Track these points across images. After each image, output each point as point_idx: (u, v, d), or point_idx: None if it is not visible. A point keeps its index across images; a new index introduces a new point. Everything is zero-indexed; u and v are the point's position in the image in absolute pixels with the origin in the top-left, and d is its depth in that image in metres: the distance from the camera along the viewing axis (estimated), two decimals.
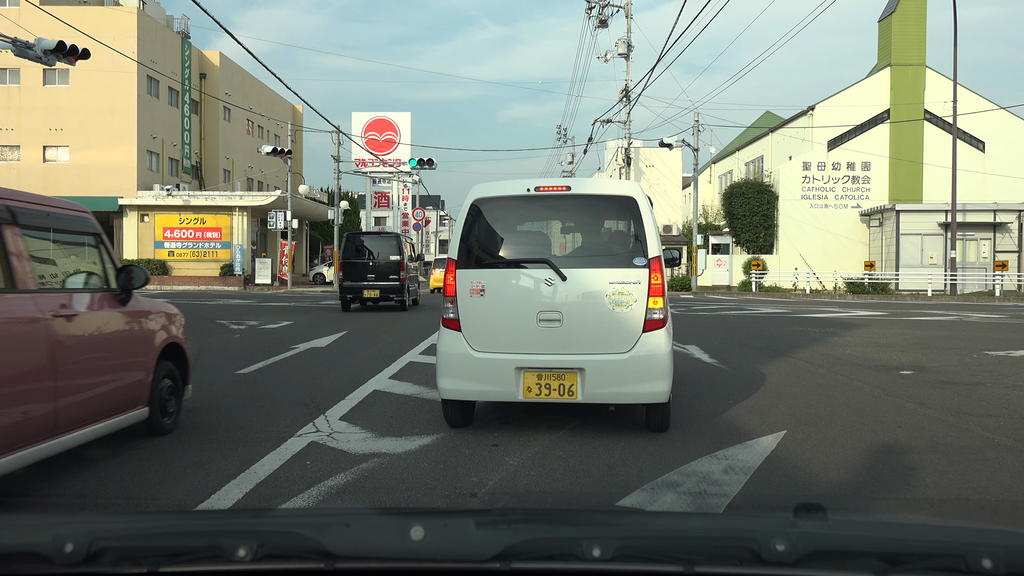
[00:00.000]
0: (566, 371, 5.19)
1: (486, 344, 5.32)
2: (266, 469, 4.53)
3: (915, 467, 4.61)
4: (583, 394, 5.18)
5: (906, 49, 32.04)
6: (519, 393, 5.25)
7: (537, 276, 5.30)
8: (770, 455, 4.83)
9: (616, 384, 5.19)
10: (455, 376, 5.36)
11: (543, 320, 5.24)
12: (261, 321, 15.15)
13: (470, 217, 5.51)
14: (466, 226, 5.51)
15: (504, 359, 5.26)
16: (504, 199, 5.58)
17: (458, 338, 5.38)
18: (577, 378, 5.18)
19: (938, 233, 29.96)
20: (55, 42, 14.64)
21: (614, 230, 5.71)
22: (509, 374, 5.23)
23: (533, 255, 5.47)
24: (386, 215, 57.45)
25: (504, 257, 5.54)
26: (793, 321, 15.99)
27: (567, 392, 5.20)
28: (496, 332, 5.33)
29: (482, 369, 5.29)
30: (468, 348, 5.34)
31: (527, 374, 5.23)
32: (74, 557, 1.19)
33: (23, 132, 35.73)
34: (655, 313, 5.20)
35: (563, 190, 5.53)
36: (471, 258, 5.47)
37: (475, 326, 5.35)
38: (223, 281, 34.16)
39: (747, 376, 8.17)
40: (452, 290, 5.42)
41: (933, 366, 9.11)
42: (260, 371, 8.55)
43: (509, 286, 5.38)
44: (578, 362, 5.18)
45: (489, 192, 5.59)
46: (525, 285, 5.33)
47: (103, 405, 4.63)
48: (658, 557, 1.23)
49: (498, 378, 5.26)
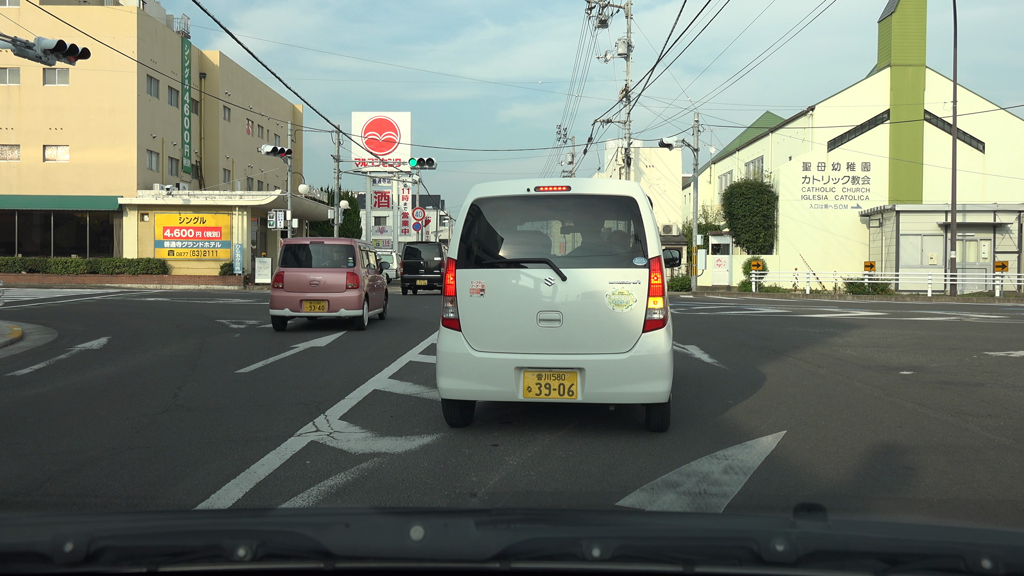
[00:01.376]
0: (566, 371, 5.18)
1: (486, 344, 5.31)
2: (266, 469, 4.53)
3: (915, 467, 4.61)
4: (583, 394, 5.17)
5: (906, 49, 32.04)
6: (519, 393, 5.23)
7: (537, 276, 5.29)
8: (770, 455, 4.83)
9: (616, 384, 5.18)
10: (455, 376, 5.34)
11: (543, 320, 5.22)
12: (261, 320, 15.14)
13: (470, 217, 5.50)
14: (466, 226, 5.50)
15: (504, 359, 5.24)
16: (504, 199, 5.57)
17: (458, 338, 5.36)
18: (577, 378, 5.17)
19: (938, 234, 29.96)
20: (55, 41, 14.61)
21: (614, 230, 5.71)
22: (509, 374, 5.22)
23: (533, 255, 5.45)
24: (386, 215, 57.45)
25: (504, 257, 5.53)
26: (793, 321, 15.99)
27: (567, 392, 5.19)
28: (496, 332, 5.31)
29: (482, 369, 5.27)
30: (468, 348, 5.32)
31: (527, 374, 5.21)
32: (74, 556, 1.19)
33: (23, 131, 35.72)
34: (655, 313, 5.19)
35: (563, 190, 5.51)
36: (471, 258, 5.45)
37: (475, 326, 5.33)
38: (223, 281, 34.15)
39: (747, 376, 8.17)
40: (452, 290, 5.40)
41: (933, 366, 9.11)
42: (260, 370, 8.55)
43: (509, 286, 5.37)
44: (578, 362, 5.17)
45: (489, 192, 5.57)
46: (525, 285, 5.32)
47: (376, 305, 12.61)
48: (658, 557, 1.23)
49: (498, 378, 5.24)
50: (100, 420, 5.94)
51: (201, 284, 33.56)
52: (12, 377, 8.18)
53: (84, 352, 10.21)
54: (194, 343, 11.07)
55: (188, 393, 7.12)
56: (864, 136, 32.60)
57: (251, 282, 34.04)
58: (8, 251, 35.93)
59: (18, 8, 33.16)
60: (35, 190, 35.50)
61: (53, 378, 8.11)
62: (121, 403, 6.66)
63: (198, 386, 7.53)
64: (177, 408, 6.42)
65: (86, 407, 6.51)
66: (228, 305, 20.60)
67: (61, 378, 8.10)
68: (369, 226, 52.22)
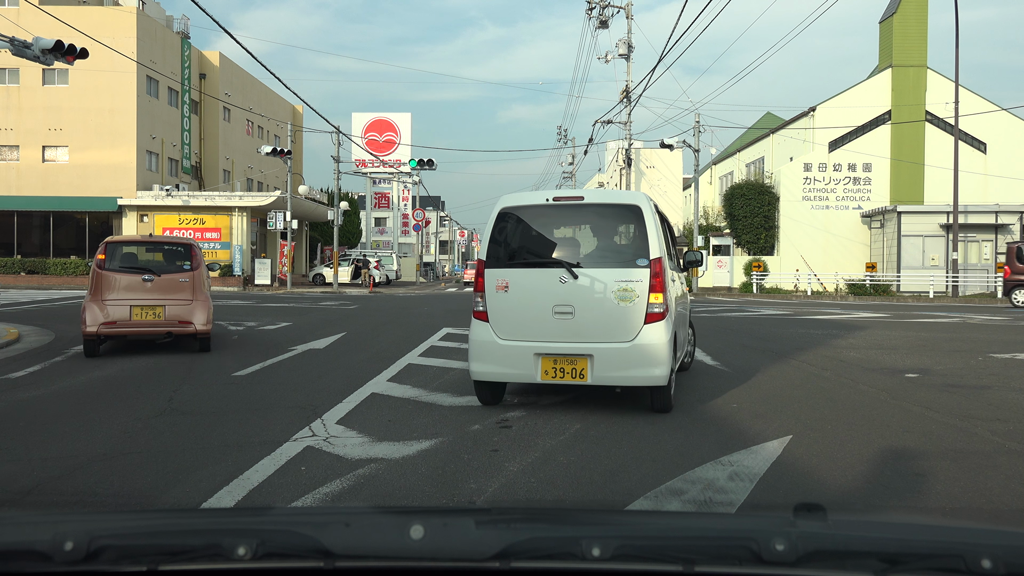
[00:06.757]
0: (578, 357, 5.88)
1: (509, 333, 6.07)
2: (260, 475, 4.42)
3: (925, 474, 4.50)
4: (592, 377, 5.86)
5: (907, 50, 31.93)
6: (537, 375, 5.97)
7: (553, 274, 5.99)
8: (776, 461, 4.72)
9: (621, 368, 5.83)
10: (484, 361, 6.13)
11: (558, 312, 5.94)
12: (260, 322, 15.04)
13: (498, 223, 6.26)
14: (494, 231, 6.25)
15: (525, 346, 5.99)
16: (527, 207, 6.33)
17: (486, 328, 6.15)
18: (587, 363, 5.86)
19: (939, 235, 29.85)
20: (53, 41, 14.50)
21: (621, 234, 6.27)
22: (529, 359, 5.97)
23: (550, 256, 6.14)
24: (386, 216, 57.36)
25: (525, 258, 6.22)
26: (795, 323, 15.88)
27: (578, 375, 5.89)
28: (518, 323, 6.06)
29: (506, 354, 6.03)
30: (494, 336, 6.10)
31: (544, 359, 5.94)
32: (74, 555, 1.19)
33: (22, 132, 35.62)
34: (655, 307, 5.86)
35: (577, 200, 6.23)
36: (497, 258, 6.20)
37: (500, 318, 6.11)
38: (222, 282, 34.03)
39: (750, 379, 8.06)
40: (481, 286, 6.20)
41: (938, 369, 9.00)
42: (257, 373, 8.44)
43: (529, 283, 6.09)
44: (588, 349, 5.86)
45: (514, 202, 6.36)
46: (543, 282, 6.03)
47: None
48: (658, 556, 1.22)
49: (520, 362, 5.99)
50: (93, 424, 5.83)
51: None
52: (6, 380, 8.07)
53: (79, 354, 10.09)
54: (193, 345, 10.95)
55: (183, 396, 7.01)
56: (865, 137, 32.49)
57: (251, 283, 33.93)
58: (7, 252, 35.83)
59: (17, 8, 33.07)
60: (34, 191, 35.40)
61: (47, 381, 8.01)
62: (115, 406, 6.56)
63: (194, 389, 7.43)
64: (172, 412, 6.31)
65: (79, 410, 6.40)
66: (227, 307, 20.49)
67: (56, 381, 8.00)
68: (369, 227, 52.15)
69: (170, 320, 10.09)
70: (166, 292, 10.17)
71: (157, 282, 10.16)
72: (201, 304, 10.30)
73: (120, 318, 9.91)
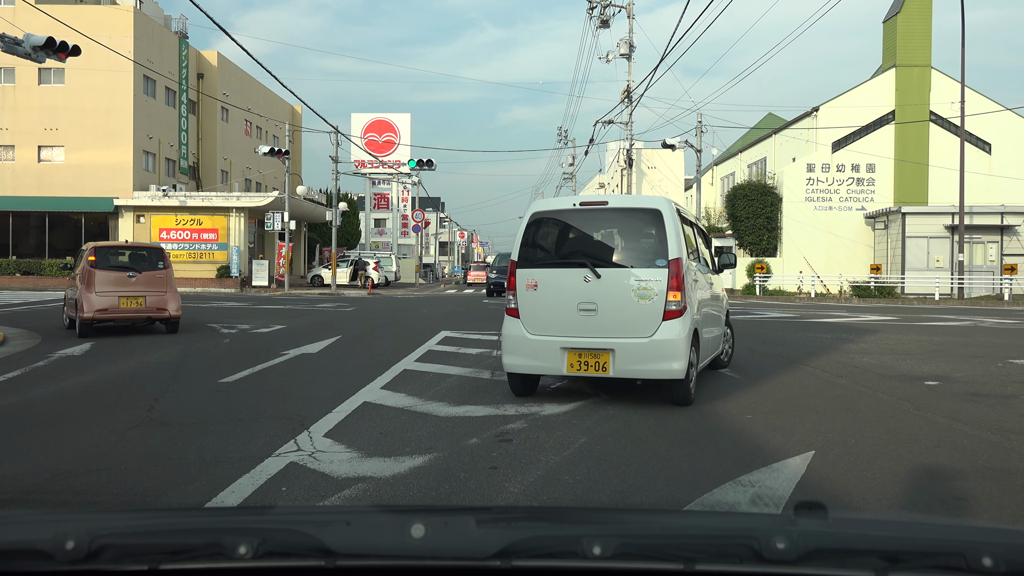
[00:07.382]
0: (601, 351, 6.27)
1: (538, 328, 6.49)
2: (236, 496, 4.02)
3: (966, 497, 4.09)
4: (614, 370, 6.24)
5: (911, 50, 31.54)
6: (563, 368, 6.37)
7: (578, 274, 6.38)
8: (801, 481, 4.32)
9: (641, 362, 6.19)
10: (515, 354, 6.57)
11: (582, 309, 6.33)
12: (253, 325, 14.64)
13: (529, 227, 6.71)
14: (526, 234, 6.70)
15: (552, 340, 6.40)
16: (555, 211, 6.82)
17: (517, 324, 6.58)
18: (609, 357, 6.24)
19: (944, 236, 29.45)
20: (44, 38, 14.14)
21: (641, 236, 6.53)
22: (556, 352, 6.38)
23: (576, 257, 6.53)
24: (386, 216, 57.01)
25: (553, 258, 6.67)
26: (802, 326, 15.48)
27: (601, 368, 6.27)
28: (546, 319, 6.47)
29: (535, 348, 6.45)
30: (524, 331, 6.53)
31: (570, 353, 6.34)
32: (75, 554, 1.19)
33: (18, 132, 35.23)
34: (673, 305, 6.20)
35: (602, 204, 6.74)
36: (528, 259, 6.65)
37: (530, 314, 6.54)
38: (220, 283, 33.64)
39: (763, 387, 7.67)
40: (513, 285, 6.63)
41: (958, 376, 8.60)
42: (245, 380, 8.05)
43: (556, 282, 6.49)
44: (610, 344, 6.25)
45: (544, 207, 6.86)
46: (568, 281, 6.42)
47: None
48: (659, 555, 1.22)
49: (547, 356, 6.40)
50: (62, 437, 5.43)
51: (197, 287, 33.01)
52: None
53: (64, 359, 9.71)
54: (180, 349, 10.56)
55: (165, 405, 6.62)
56: (869, 137, 32.09)
57: (248, 285, 33.53)
58: (2, 253, 35.44)
59: (13, 7, 32.72)
60: (30, 191, 35.00)
61: (25, 387, 7.61)
62: (90, 417, 6.15)
63: (177, 397, 7.04)
64: (150, 423, 5.91)
65: (50, 421, 6.00)
66: (222, 308, 20.11)
67: (33, 388, 7.60)
68: (368, 228, 51.76)
69: (150, 307, 12.74)
70: (146, 286, 12.76)
71: (139, 278, 12.73)
72: (172, 295, 13.02)
73: (110, 306, 12.46)
